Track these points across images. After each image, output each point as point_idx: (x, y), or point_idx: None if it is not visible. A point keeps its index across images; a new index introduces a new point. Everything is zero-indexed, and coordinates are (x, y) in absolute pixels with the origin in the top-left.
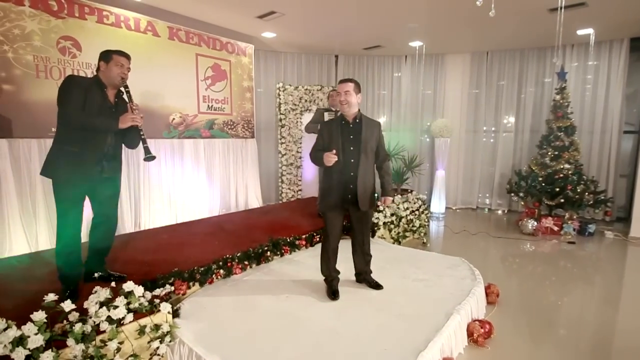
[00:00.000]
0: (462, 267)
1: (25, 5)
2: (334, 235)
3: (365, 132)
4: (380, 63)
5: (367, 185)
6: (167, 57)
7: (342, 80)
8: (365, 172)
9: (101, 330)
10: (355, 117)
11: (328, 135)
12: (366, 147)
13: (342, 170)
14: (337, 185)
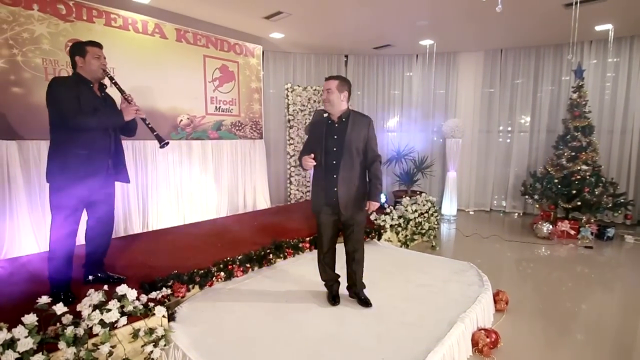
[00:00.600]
0: (469, 272)
1: (34, 10)
2: (326, 238)
3: (351, 132)
4: (391, 62)
5: (351, 189)
6: (175, 58)
7: (326, 78)
8: (349, 174)
9: (94, 333)
10: (341, 116)
11: (314, 135)
12: (350, 147)
13: (325, 172)
14: (320, 188)
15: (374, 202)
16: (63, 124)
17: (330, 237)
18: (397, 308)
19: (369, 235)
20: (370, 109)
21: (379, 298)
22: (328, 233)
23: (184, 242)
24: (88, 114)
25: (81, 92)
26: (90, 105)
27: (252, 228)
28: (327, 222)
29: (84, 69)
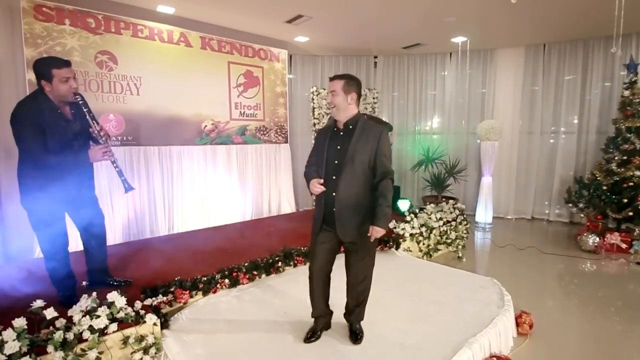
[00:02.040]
0: (490, 289)
1: (66, 24)
2: (318, 263)
3: (356, 142)
4: (423, 62)
5: (351, 210)
6: (200, 66)
7: (330, 78)
8: (349, 193)
9: (84, 338)
10: (348, 123)
11: (319, 144)
12: (353, 160)
13: (325, 188)
14: (319, 206)
15: (377, 227)
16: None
17: (323, 262)
18: (400, 328)
19: (386, 245)
20: (401, 111)
21: (383, 315)
22: (322, 258)
23: (198, 247)
24: (54, 153)
25: (46, 122)
26: (57, 136)
27: (268, 233)
28: (322, 245)
29: (52, 93)
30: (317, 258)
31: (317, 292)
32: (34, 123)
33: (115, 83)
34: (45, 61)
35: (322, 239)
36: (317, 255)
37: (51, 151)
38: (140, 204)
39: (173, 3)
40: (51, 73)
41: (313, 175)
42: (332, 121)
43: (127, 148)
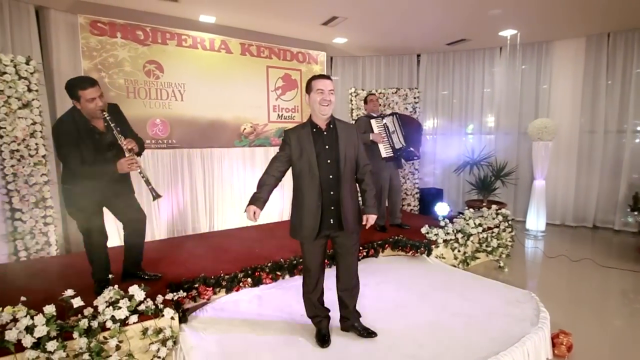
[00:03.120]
0: (527, 304)
1: (118, 37)
2: (315, 268)
3: (343, 140)
4: (470, 58)
5: (353, 204)
6: (239, 71)
7: (324, 76)
8: (349, 188)
9: (106, 327)
10: (329, 123)
11: (298, 145)
12: (345, 157)
13: (322, 190)
14: (315, 209)
15: (372, 214)
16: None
17: (319, 266)
18: (416, 339)
19: (417, 250)
20: (445, 111)
21: (400, 324)
22: (318, 261)
23: (229, 245)
24: (89, 163)
25: (80, 136)
26: (91, 147)
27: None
28: (317, 249)
29: (82, 111)
30: (314, 263)
31: (315, 296)
32: (69, 136)
33: (162, 90)
34: (73, 82)
35: (315, 244)
36: (313, 260)
37: (86, 162)
38: (184, 202)
39: (214, 12)
40: (78, 94)
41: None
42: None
43: (171, 151)
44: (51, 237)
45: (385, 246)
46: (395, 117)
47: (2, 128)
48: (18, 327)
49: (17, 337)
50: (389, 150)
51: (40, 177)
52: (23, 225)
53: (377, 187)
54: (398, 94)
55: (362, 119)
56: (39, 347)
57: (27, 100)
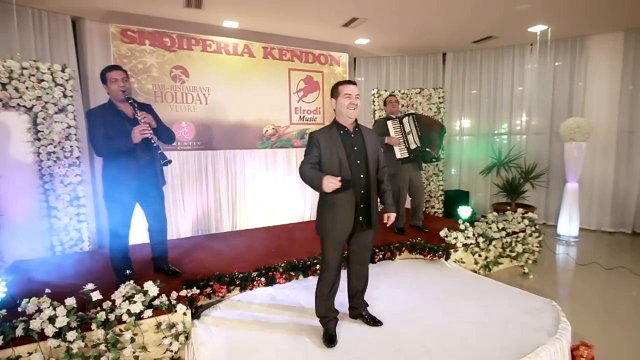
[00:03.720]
0: (546, 314)
1: (146, 45)
2: (336, 266)
3: (369, 142)
4: (498, 56)
5: (375, 202)
6: (262, 74)
7: (350, 82)
8: (373, 187)
9: (123, 320)
10: (355, 126)
11: (327, 147)
12: (372, 158)
13: (352, 188)
14: (347, 209)
15: (393, 212)
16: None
17: (340, 265)
18: (423, 345)
19: (435, 254)
20: (472, 111)
21: (409, 329)
22: (339, 261)
23: (249, 245)
24: (109, 139)
25: (108, 119)
26: (116, 128)
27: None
28: (341, 247)
29: (109, 94)
30: (336, 262)
31: (333, 295)
32: (96, 119)
33: (187, 94)
34: (103, 69)
35: (338, 244)
36: (337, 256)
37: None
38: (207, 202)
39: (237, 18)
40: (105, 76)
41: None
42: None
43: (196, 152)
44: (84, 233)
45: (403, 249)
46: (412, 117)
47: (40, 131)
48: (42, 317)
49: (41, 326)
50: (404, 151)
51: (74, 177)
52: (58, 222)
53: (395, 190)
54: (422, 94)
55: (379, 121)
56: (60, 337)
57: (62, 106)
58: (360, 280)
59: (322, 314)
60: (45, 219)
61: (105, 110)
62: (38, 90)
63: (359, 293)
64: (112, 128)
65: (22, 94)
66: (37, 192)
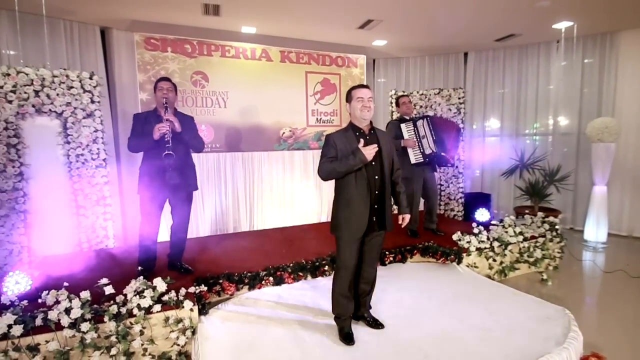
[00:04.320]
0: (557, 322)
1: (168, 51)
2: (353, 265)
3: (384, 144)
4: (522, 54)
5: (389, 203)
6: (279, 78)
7: (363, 86)
8: (388, 188)
9: (133, 314)
10: (370, 128)
11: (343, 147)
12: (387, 159)
13: (366, 187)
14: (362, 208)
15: (407, 214)
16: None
17: (356, 262)
18: (423, 349)
19: (447, 258)
20: (495, 111)
21: (411, 332)
22: (355, 258)
23: (262, 245)
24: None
25: (147, 121)
26: (151, 130)
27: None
28: (356, 247)
29: (155, 99)
30: (354, 257)
31: (352, 288)
32: (139, 120)
33: (207, 98)
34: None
35: (354, 243)
36: (353, 254)
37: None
38: (226, 202)
39: (254, 23)
40: (155, 85)
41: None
42: (350, 126)
43: (215, 154)
44: (109, 231)
45: (414, 252)
46: (426, 120)
47: (70, 135)
48: (59, 308)
49: (58, 317)
50: (419, 156)
51: (100, 178)
52: (86, 220)
53: (409, 193)
54: (441, 94)
55: (392, 123)
56: (75, 327)
57: (90, 111)
58: (367, 281)
59: (339, 312)
60: (73, 217)
61: (148, 114)
62: (68, 96)
63: (365, 295)
64: (148, 129)
65: (53, 100)
66: (67, 192)
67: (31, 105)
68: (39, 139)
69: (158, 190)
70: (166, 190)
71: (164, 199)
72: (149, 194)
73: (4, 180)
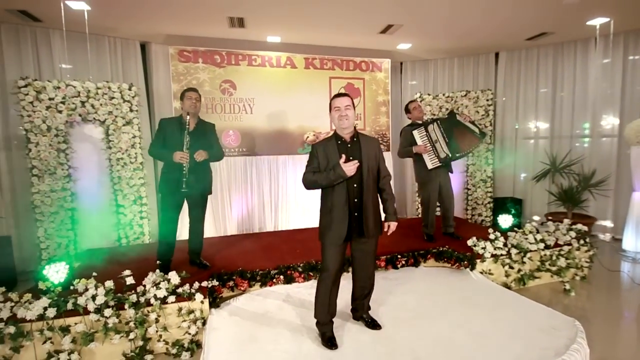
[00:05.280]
0: (562, 333)
1: (199, 62)
2: (336, 271)
3: (366, 152)
4: (558, 53)
5: (374, 211)
6: (303, 84)
7: (340, 95)
8: (370, 196)
9: (150, 303)
10: (352, 136)
11: (324, 157)
12: (368, 168)
13: (345, 196)
14: (341, 215)
15: (393, 222)
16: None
17: (339, 270)
18: (414, 352)
19: (461, 263)
20: (528, 112)
21: (406, 335)
22: (338, 265)
23: (279, 244)
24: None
25: (170, 127)
26: (174, 136)
27: None
28: (338, 254)
29: (183, 107)
30: (334, 268)
31: (333, 300)
32: (162, 128)
33: (234, 105)
34: (184, 90)
35: (336, 249)
36: (335, 260)
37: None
38: (252, 204)
39: (279, 33)
40: (184, 94)
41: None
42: (333, 135)
43: (242, 158)
44: (145, 228)
45: (428, 256)
46: (437, 123)
47: (111, 141)
48: (87, 295)
49: (85, 303)
50: (434, 160)
51: (138, 179)
52: (124, 217)
53: (425, 197)
54: (468, 96)
55: (405, 130)
56: (99, 313)
57: (129, 119)
58: (362, 285)
59: (319, 318)
60: (114, 215)
61: (172, 121)
62: (109, 106)
63: (362, 298)
64: (171, 136)
65: (97, 109)
66: (108, 192)
67: (78, 115)
68: (85, 144)
69: (175, 193)
70: (184, 195)
71: (182, 200)
72: (168, 195)
73: (54, 181)
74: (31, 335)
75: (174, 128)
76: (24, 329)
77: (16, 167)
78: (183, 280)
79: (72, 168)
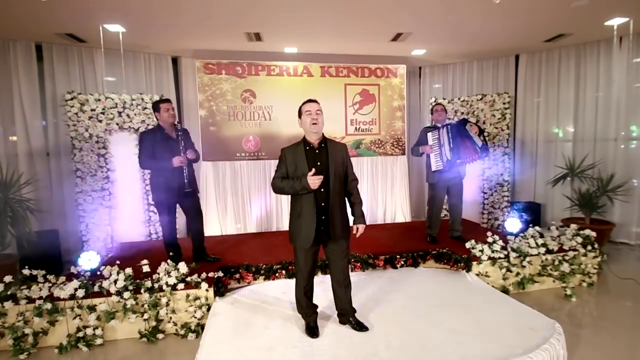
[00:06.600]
0: (539, 334)
1: (222, 74)
2: (306, 272)
3: (333, 157)
4: (580, 54)
5: (341, 215)
6: (319, 91)
7: (311, 100)
8: (337, 200)
9: (162, 289)
10: (320, 141)
11: (292, 162)
12: (334, 173)
13: (312, 201)
14: (310, 219)
15: (361, 224)
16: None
17: (310, 271)
18: (387, 341)
19: (458, 265)
20: (549, 115)
21: (384, 329)
22: (309, 267)
23: (286, 242)
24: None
25: (156, 138)
26: (161, 146)
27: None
28: (308, 256)
29: (160, 120)
30: (304, 270)
31: (305, 297)
32: (148, 140)
33: (254, 112)
34: (156, 100)
35: (306, 251)
36: (305, 262)
37: (158, 159)
38: (270, 204)
39: (295, 44)
40: (159, 106)
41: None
42: (302, 141)
43: (261, 162)
44: None
45: (427, 257)
46: (447, 128)
47: None
48: (110, 279)
49: (108, 286)
50: (439, 163)
51: None
52: (155, 215)
53: (430, 198)
54: (484, 100)
55: (422, 130)
56: (120, 295)
57: None
58: (337, 279)
59: (299, 311)
60: (146, 213)
61: (155, 133)
62: (142, 115)
63: (342, 296)
64: (158, 146)
65: (132, 119)
66: (141, 192)
67: (115, 124)
68: (121, 149)
69: (168, 198)
70: (175, 197)
71: (175, 203)
72: (163, 202)
73: (95, 182)
74: (64, 311)
75: (158, 139)
76: (59, 306)
77: (64, 170)
78: (192, 270)
79: (110, 170)
